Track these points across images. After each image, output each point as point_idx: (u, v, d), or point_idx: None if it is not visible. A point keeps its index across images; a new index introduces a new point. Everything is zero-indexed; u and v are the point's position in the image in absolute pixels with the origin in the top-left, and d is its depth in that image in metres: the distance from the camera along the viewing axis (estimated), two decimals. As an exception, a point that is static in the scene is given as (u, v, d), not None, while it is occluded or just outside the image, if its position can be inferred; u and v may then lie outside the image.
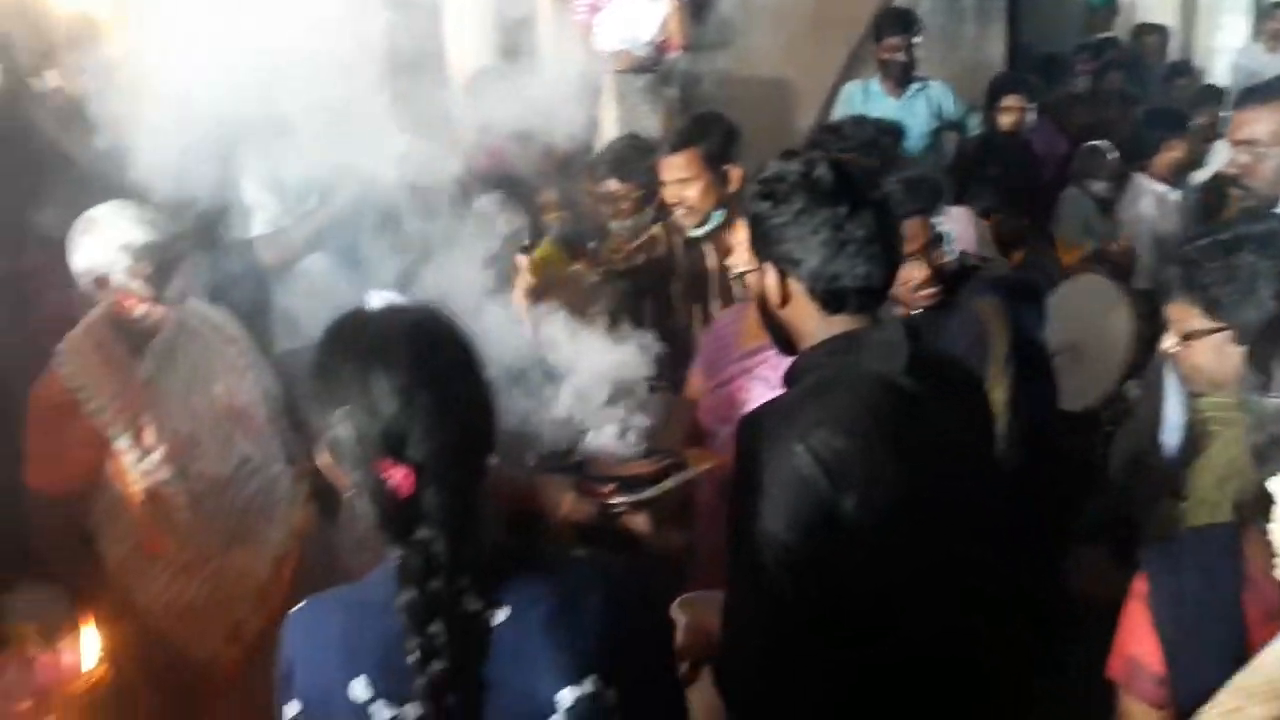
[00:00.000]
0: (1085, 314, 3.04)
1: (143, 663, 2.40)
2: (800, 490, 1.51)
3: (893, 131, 4.27)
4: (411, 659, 1.23)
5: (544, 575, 1.32)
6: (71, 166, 2.99)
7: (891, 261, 1.64)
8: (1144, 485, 2.33)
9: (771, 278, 1.65)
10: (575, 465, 2.30)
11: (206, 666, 2.59)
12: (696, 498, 2.36)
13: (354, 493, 1.30)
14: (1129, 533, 2.16)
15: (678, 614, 1.81)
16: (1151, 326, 2.46)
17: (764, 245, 1.66)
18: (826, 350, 1.63)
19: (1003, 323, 2.13)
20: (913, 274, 2.21)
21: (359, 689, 1.27)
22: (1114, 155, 4.93)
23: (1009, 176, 4.74)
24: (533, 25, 4.63)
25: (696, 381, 2.67)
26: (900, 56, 4.73)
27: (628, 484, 2.21)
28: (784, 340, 1.71)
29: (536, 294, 2.54)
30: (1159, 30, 6.74)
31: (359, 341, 1.30)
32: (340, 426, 1.26)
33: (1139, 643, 1.45)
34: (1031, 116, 4.91)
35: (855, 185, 1.60)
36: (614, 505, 2.17)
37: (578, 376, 2.33)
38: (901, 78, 4.78)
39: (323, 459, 1.33)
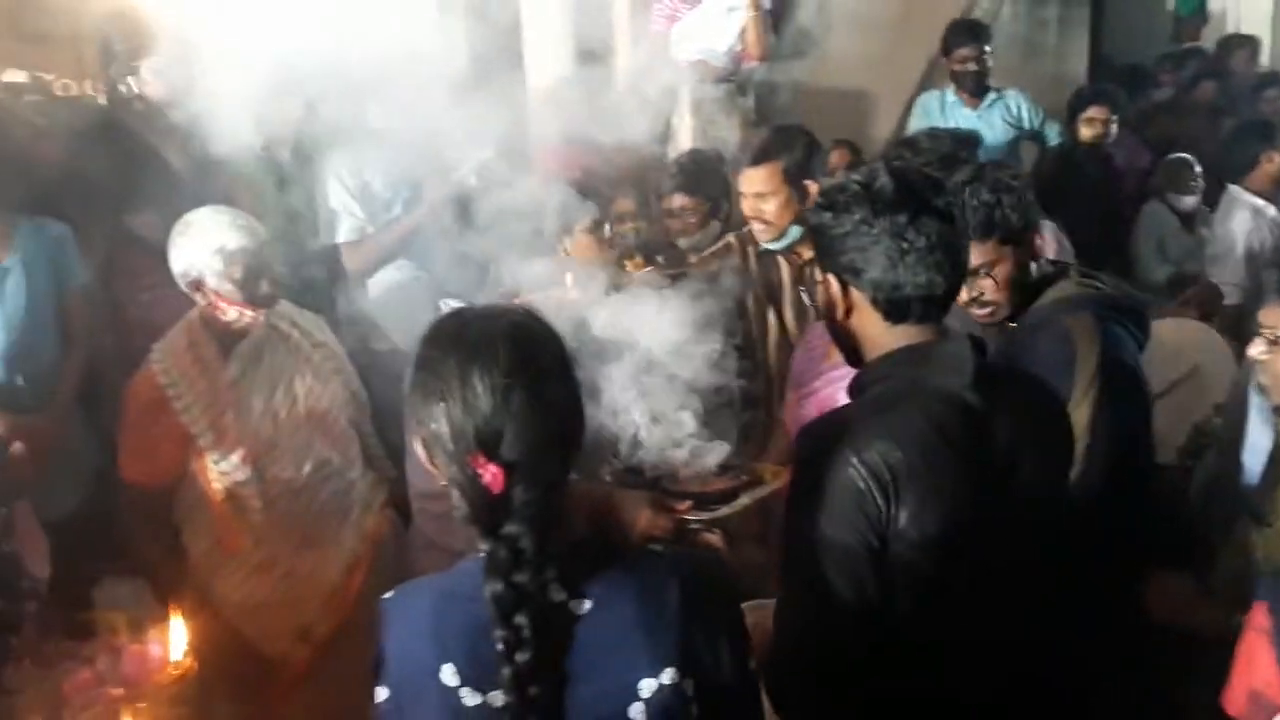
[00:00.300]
0: (1179, 360, 2.96)
1: (217, 657, 2.44)
2: (854, 502, 1.50)
3: (970, 142, 4.23)
4: (497, 649, 1.27)
5: (625, 569, 1.36)
6: (166, 169, 3.09)
7: (956, 270, 1.62)
8: (1222, 508, 2.27)
9: (835, 289, 1.65)
10: (653, 480, 2.31)
11: (276, 665, 2.65)
12: (776, 513, 2.35)
13: (446, 485, 1.33)
14: (1205, 557, 2.11)
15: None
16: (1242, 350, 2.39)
17: (827, 256, 1.66)
18: (891, 363, 1.61)
19: (1092, 342, 2.08)
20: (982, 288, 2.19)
21: (447, 675, 1.30)
22: (1199, 169, 4.81)
23: (1090, 190, 4.69)
24: (610, 36, 4.68)
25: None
26: (972, 66, 4.66)
27: (703, 500, 2.22)
28: (851, 352, 1.70)
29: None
30: (1250, 41, 6.53)
31: (460, 340, 1.33)
32: (438, 421, 1.30)
33: (1262, 676, 1.41)
34: (1114, 129, 4.81)
35: (916, 194, 1.59)
36: (690, 522, 2.17)
37: (649, 385, 2.33)
38: (976, 88, 4.71)
39: (419, 451, 1.37)
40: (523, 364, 1.30)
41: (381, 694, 1.36)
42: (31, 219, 2.82)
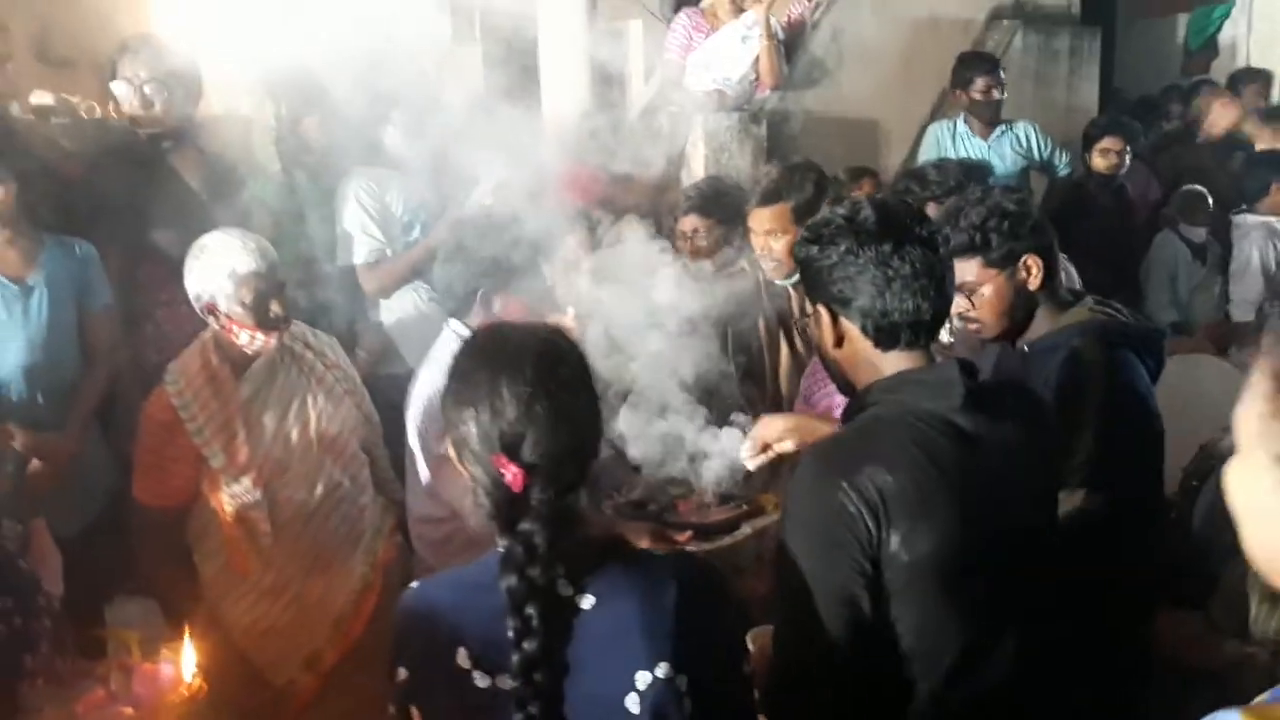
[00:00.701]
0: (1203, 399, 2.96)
1: (224, 683, 2.38)
2: (845, 527, 1.52)
3: (978, 173, 4.25)
4: (508, 636, 1.37)
5: (627, 569, 1.46)
6: (184, 191, 3.13)
7: (941, 295, 1.67)
8: (1224, 533, 2.25)
9: (825, 319, 1.70)
10: (655, 513, 2.32)
11: (283, 691, 2.63)
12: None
13: (472, 484, 1.45)
14: (1208, 585, 2.10)
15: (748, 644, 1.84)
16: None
17: (815, 288, 1.71)
18: (881, 389, 1.65)
19: (1100, 366, 2.10)
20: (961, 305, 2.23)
21: (461, 658, 1.41)
22: (1211, 201, 4.83)
23: (1102, 221, 4.71)
24: (625, 64, 4.72)
25: None
26: (995, 95, 4.70)
27: (704, 531, 2.22)
28: (844, 380, 1.75)
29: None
30: (1261, 75, 6.56)
31: (492, 353, 1.46)
32: (467, 425, 1.42)
33: None
34: (1129, 160, 4.84)
35: (898, 224, 1.64)
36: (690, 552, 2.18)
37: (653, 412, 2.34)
38: (991, 119, 4.74)
39: (449, 451, 1.49)
40: (547, 376, 1.42)
41: (402, 673, 1.46)
42: (57, 238, 2.85)
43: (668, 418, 2.33)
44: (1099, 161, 4.79)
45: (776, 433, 2.18)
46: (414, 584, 1.54)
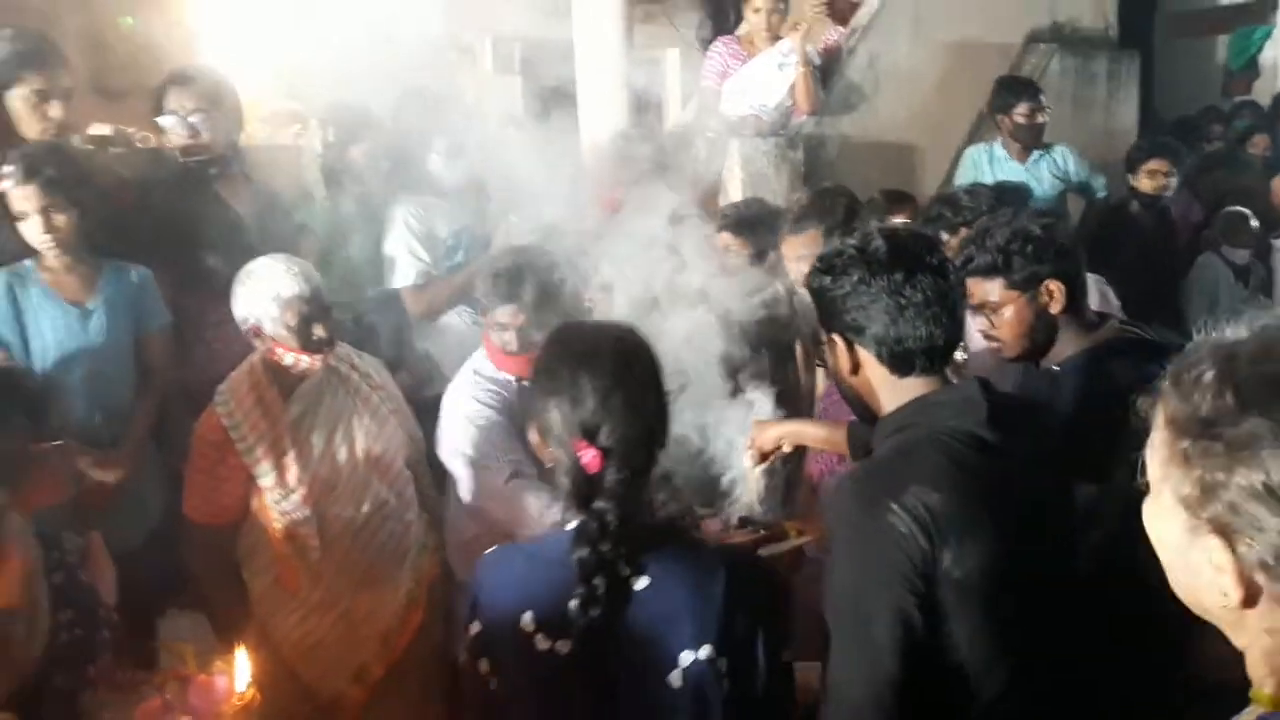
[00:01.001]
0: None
1: (273, 695, 2.48)
2: (898, 548, 1.54)
3: (1015, 196, 4.25)
4: (570, 605, 1.51)
5: (681, 554, 1.59)
6: (233, 217, 3.22)
7: (954, 321, 1.71)
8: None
9: (841, 347, 1.74)
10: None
11: (331, 704, 2.68)
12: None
13: (554, 466, 1.61)
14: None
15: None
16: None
17: (830, 317, 1.75)
18: (906, 413, 1.69)
19: (1132, 384, 2.11)
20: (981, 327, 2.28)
21: (527, 621, 1.56)
22: (1255, 222, 4.79)
23: (1144, 243, 4.68)
24: (662, 91, 4.78)
25: None
26: (1038, 120, 4.69)
27: None
28: (861, 407, 1.79)
29: None
30: (1303, 96, 6.52)
31: (576, 349, 1.65)
32: (551, 413, 1.59)
33: None
34: (1174, 182, 4.81)
35: (909, 253, 1.68)
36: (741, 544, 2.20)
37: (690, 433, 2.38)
38: (1033, 143, 4.73)
39: (533, 437, 1.67)
40: (622, 371, 1.60)
41: (475, 627, 1.63)
42: (115, 263, 2.94)
43: (705, 438, 2.37)
44: (1146, 183, 4.77)
45: (772, 438, 2.33)
46: (492, 549, 1.70)
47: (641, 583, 1.54)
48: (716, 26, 5.58)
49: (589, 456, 1.54)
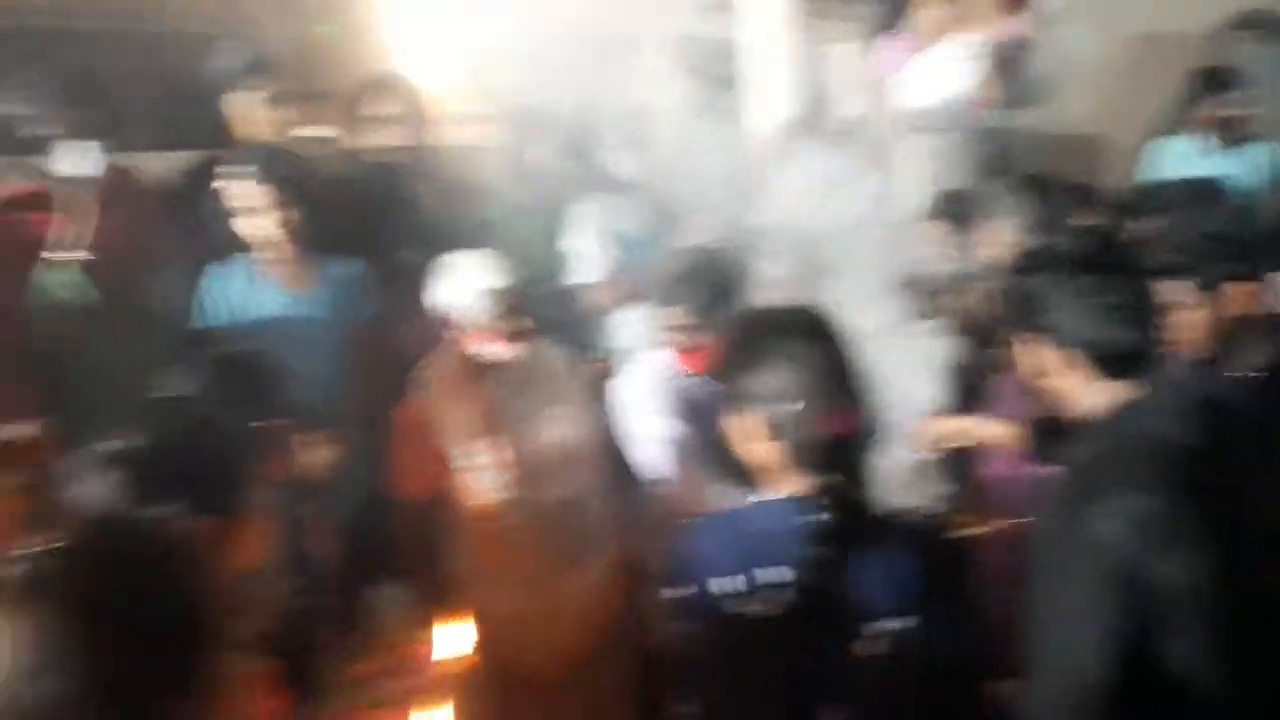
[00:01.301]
0: None
1: (474, 667, 2.63)
2: (1111, 558, 1.51)
3: (1207, 192, 4.04)
4: (786, 570, 1.56)
5: (884, 525, 1.65)
6: (428, 214, 3.39)
7: (1148, 324, 1.67)
8: None
9: (1033, 348, 1.71)
10: None
11: (529, 681, 2.78)
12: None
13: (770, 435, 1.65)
14: None
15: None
16: None
17: (1024, 318, 1.72)
18: (1107, 419, 1.64)
19: None
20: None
21: (732, 583, 1.60)
22: None
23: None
24: (834, 85, 4.75)
25: None
26: (1238, 111, 4.45)
27: None
28: (1046, 410, 1.75)
29: None
30: None
31: (780, 325, 1.71)
32: (768, 384, 1.64)
33: None
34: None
35: (1106, 253, 1.66)
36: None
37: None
38: (1231, 136, 4.49)
39: (738, 419, 1.69)
40: (827, 342, 1.67)
41: (681, 593, 1.67)
42: (332, 257, 3.13)
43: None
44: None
45: (949, 430, 2.36)
46: (700, 518, 1.77)
47: (851, 552, 1.59)
48: (887, 19, 5.49)
49: (829, 422, 1.60)
